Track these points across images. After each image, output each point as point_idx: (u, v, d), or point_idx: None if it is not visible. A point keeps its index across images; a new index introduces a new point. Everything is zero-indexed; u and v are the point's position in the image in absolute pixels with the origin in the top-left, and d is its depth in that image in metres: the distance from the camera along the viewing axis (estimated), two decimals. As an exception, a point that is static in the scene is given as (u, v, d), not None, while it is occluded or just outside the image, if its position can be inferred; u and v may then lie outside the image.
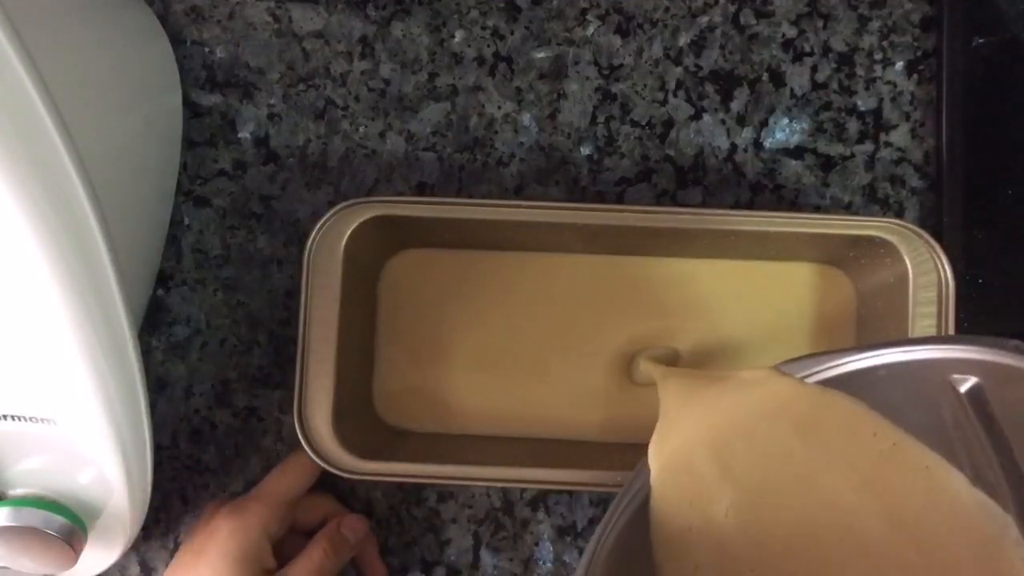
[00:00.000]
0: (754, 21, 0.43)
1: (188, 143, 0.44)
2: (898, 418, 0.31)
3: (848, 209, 0.43)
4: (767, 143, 0.43)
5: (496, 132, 0.44)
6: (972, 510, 0.29)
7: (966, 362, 0.30)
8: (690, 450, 0.32)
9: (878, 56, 0.43)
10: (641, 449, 0.33)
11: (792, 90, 0.43)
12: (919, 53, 0.43)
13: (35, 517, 0.33)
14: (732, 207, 0.43)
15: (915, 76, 0.43)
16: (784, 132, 0.43)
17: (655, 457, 0.33)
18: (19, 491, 0.34)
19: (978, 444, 0.29)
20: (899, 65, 0.43)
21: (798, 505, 0.31)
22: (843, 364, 0.32)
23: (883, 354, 0.32)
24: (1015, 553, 0.28)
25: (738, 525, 0.31)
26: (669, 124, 0.43)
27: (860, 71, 0.43)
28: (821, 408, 0.32)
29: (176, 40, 0.44)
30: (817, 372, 0.33)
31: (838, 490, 0.31)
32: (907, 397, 0.31)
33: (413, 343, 0.43)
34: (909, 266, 0.37)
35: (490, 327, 0.42)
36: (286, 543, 0.40)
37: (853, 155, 0.43)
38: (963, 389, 0.30)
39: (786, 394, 0.32)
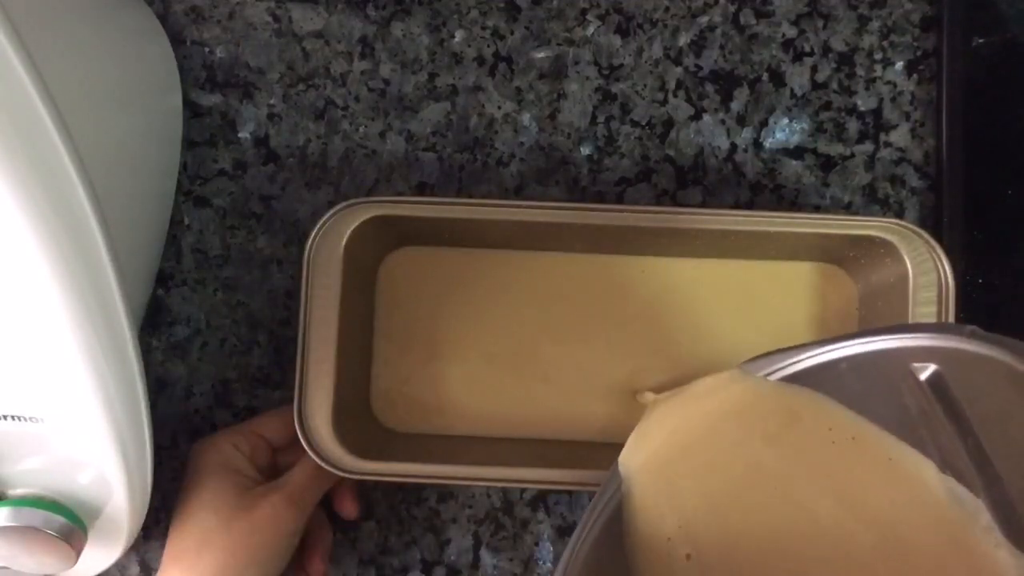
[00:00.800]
0: (754, 21, 0.43)
1: (188, 143, 0.44)
2: (863, 410, 0.31)
3: (848, 209, 0.43)
4: (767, 143, 0.43)
5: (496, 132, 0.44)
6: (942, 498, 0.29)
7: (924, 350, 0.30)
8: (661, 455, 0.32)
9: (878, 56, 0.43)
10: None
11: (792, 90, 0.43)
12: (919, 53, 0.43)
13: (35, 517, 0.33)
14: (732, 207, 0.43)
15: (915, 76, 0.43)
16: (784, 132, 0.43)
17: (626, 464, 0.33)
18: (19, 491, 0.34)
19: (943, 431, 0.29)
20: (899, 65, 0.43)
21: (767, 504, 0.31)
22: (805, 359, 0.32)
23: (843, 347, 0.32)
24: (987, 538, 0.28)
25: (710, 527, 0.31)
26: (669, 124, 0.43)
27: (860, 71, 0.43)
28: (782, 405, 0.32)
29: (176, 40, 0.44)
30: (780, 368, 0.33)
31: (802, 487, 0.31)
32: (871, 388, 0.31)
33: (412, 343, 0.43)
34: (909, 266, 0.37)
35: (489, 326, 0.42)
36: None
37: (853, 155, 0.43)
38: (923, 377, 0.30)
39: (747, 394, 0.32)
